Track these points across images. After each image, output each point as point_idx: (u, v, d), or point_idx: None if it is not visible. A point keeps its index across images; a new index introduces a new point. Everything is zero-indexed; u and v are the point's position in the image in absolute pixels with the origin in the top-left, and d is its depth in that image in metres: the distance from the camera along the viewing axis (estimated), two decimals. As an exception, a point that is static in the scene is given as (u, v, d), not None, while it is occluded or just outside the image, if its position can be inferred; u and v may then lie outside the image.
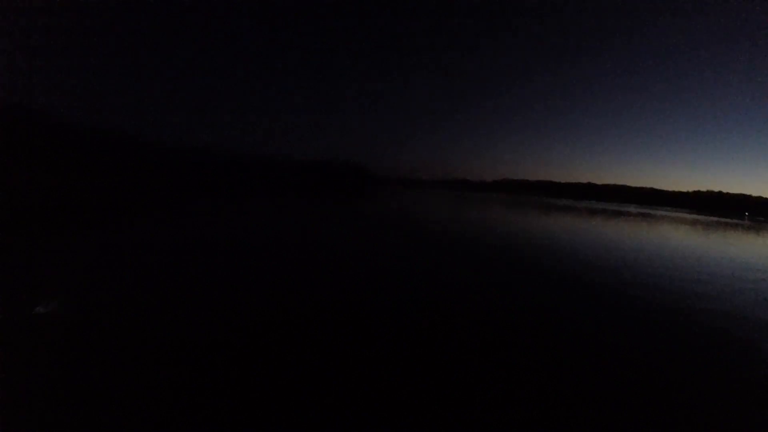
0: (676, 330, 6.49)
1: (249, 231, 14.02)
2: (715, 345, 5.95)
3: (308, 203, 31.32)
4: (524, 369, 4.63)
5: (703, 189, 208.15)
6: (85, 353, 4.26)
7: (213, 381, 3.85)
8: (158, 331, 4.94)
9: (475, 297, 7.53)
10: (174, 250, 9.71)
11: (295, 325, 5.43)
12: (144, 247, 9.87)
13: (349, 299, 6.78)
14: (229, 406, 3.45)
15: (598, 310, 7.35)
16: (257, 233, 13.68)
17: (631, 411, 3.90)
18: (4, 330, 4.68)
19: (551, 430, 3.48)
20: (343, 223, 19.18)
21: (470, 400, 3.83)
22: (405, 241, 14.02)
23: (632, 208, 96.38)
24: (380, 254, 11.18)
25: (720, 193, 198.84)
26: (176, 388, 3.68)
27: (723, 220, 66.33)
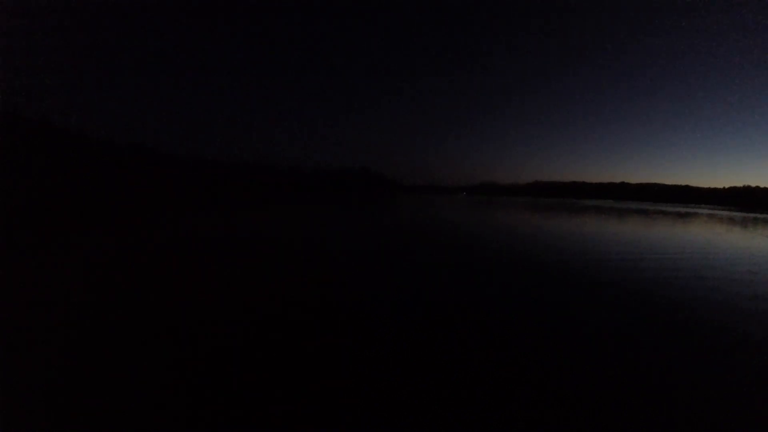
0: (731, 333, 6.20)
1: (266, 234, 15.00)
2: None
3: (321, 209, 32.84)
4: (524, 369, 4.56)
5: (739, 184, 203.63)
6: (84, 353, 4.22)
7: (214, 380, 3.84)
8: (161, 331, 4.93)
9: (483, 298, 7.61)
10: (187, 250, 10.18)
11: (296, 325, 5.50)
12: (160, 249, 10.42)
13: (352, 298, 7.04)
14: (229, 407, 3.43)
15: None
16: (274, 236, 14.82)
17: (631, 412, 3.80)
18: (4, 330, 4.50)
19: (551, 430, 3.44)
20: (349, 227, 20.04)
21: (470, 400, 3.81)
22: (410, 245, 14.60)
23: (669, 207, 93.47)
24: (378, 259, 11.45)
25: (757, 187, 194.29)
26: (176, 388, 3.66)
27: (764, 216, 63.88)
